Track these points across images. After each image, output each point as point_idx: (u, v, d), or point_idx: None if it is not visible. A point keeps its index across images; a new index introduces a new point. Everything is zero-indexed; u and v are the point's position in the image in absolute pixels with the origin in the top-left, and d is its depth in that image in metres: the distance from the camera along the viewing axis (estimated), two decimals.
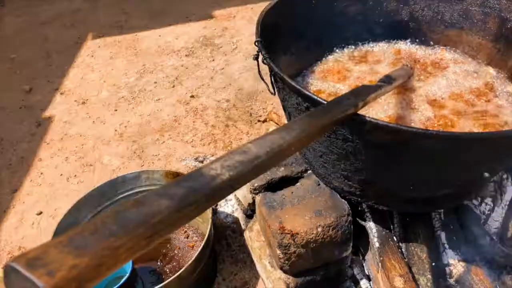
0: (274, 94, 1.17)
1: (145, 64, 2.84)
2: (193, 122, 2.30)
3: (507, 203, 1.28)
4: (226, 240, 1.69)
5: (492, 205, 1.32)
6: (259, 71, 1.17)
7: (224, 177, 0.43)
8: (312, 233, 1.14)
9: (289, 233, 1.12)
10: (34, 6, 3.79)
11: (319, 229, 1.14)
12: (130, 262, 1.43)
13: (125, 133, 2.29)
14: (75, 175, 2.07)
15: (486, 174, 0.97)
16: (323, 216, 1.16)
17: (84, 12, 3.62)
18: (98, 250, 0.36)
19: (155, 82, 2.65)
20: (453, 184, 1.07)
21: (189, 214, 0.39)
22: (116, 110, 2.47)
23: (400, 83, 1.32)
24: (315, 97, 0.91)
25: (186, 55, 2.89)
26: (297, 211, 1.18)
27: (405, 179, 1.03)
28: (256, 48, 1.13)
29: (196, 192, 0.40)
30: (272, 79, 1.11)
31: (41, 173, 2.10)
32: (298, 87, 0.96)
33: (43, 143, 2.27)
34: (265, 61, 1.06)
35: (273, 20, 1.31)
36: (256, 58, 1.14)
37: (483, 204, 1.34)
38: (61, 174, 2.08)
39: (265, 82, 1.17)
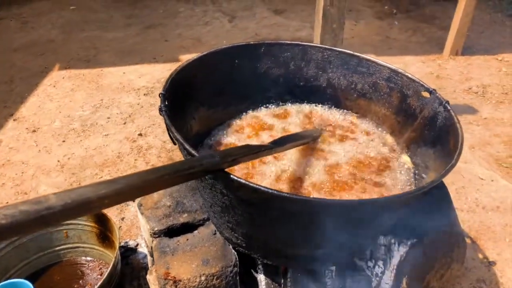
0: (175, 144, 1.24)
1: (103, 99, 2.92)
2: (135, 160, 2.35)
3: (395, 267, 1.34)
4: (138, 281, 1.70)
5: (383, 268, 1.38)
6: (165, 123, 1.24)
7: None
8: (195, 281, 1.17)
9: (172, 280, 1.16)
10: (10, 32, 3.90)
11: (203, 278, 1.18)
12: None
13: (67, 164, 2.32)
14: (7, 202, 2.08)
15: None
16: (210, 265, 1.20)
17: (56, 43, 3.73)
18: None
19: (108, 118, 2.72)
20: (326, 245, 1.13)
21: None
22: (64, 141, 2.51)
23: (305, 142, 1.41)
24: (192, 151, 0.98)
25: (144, 94, 2.99)
26: (186, 259, 1.22)
27: (278, 235, 1.09)
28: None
29: None
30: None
31: None
32: (181, 140, 1.03)
33: None
34: (161, 112, 1.14)
35: (193, 73, 1.40)
36: (161, 110, 1.21)
37: (377, 267, 1.40)
38: None
39: (169, 133, 1.24)
